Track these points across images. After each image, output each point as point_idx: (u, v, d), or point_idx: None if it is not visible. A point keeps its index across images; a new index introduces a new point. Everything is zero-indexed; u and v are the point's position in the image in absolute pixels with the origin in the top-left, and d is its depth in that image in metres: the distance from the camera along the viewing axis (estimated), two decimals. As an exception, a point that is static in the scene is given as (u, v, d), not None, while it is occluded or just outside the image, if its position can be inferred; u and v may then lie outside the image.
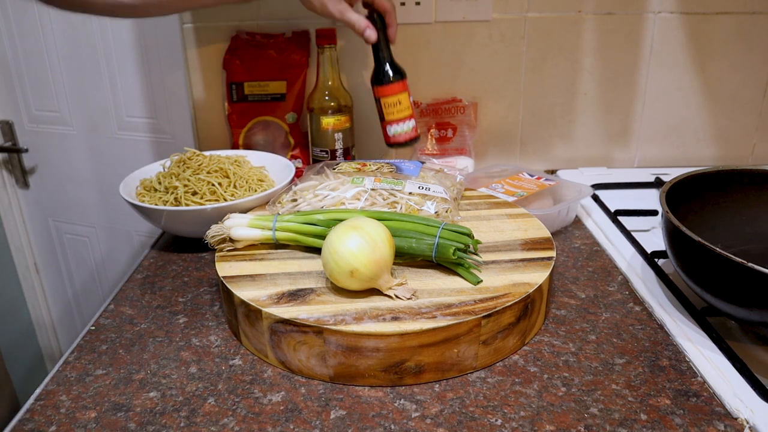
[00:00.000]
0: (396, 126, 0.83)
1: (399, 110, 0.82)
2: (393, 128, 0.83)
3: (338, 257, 0.53)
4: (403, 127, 0.82)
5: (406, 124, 0.82)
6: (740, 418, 0.47)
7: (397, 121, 0.82)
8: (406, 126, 0.82)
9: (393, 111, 0.82)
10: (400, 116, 0.82)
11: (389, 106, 0.82)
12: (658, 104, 1.03)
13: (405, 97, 0.82)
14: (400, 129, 0.83)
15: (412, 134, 0.84)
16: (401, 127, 0.82)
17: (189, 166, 0.80)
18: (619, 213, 0.83)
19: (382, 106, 0.83)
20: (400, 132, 0.83)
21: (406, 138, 0.84)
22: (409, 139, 0.84)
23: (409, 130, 0.83)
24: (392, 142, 0.84)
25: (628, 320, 0.61)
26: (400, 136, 0.83)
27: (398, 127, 0.82)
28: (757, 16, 0.97)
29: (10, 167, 1.38)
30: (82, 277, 1.45)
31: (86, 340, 0.60)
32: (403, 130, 0.83)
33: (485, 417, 0.48)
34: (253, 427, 0.47)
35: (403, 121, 0.82)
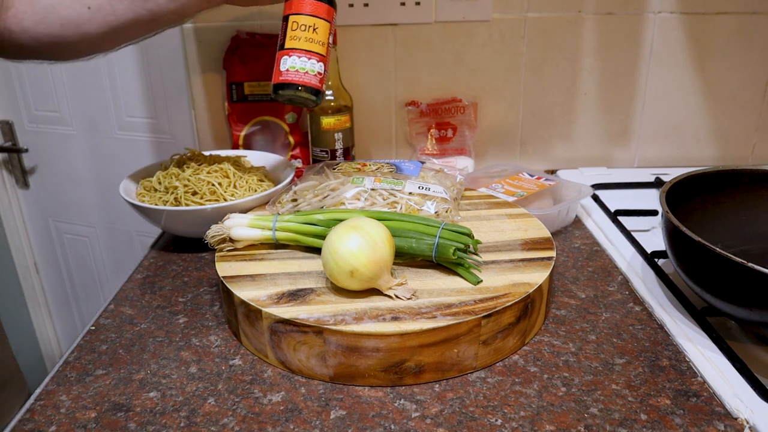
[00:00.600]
0: (297, 58, 0.60)
1: (309, 38, 0.60)
2: (291, 60, 0.60)
3: (338, 257, 0.53)
4: (305, 64, 0.60)
5: (311, 62, 0.60)
6: (740, 418, 0.47)
7: (300, 52, 0.60)
8: (309, 64, 0.60)
9: (301, 36, 0.60)
10: (307, 47, 0.60)
11: (297, 28, 0.60)
12: (658, 104, 1.03)
13: (324, 28, 0.62)
14: (301, 64, 0.60)
15: (314, 81, 0.61)
16: (303, 62, 0.60)
17: (189, 166, 0.80)
18: (619, 213, 0.83)
19: (287, 26, 0.61)
20: (298, 69, 0.60)
21: (303, 80, 0.61)
22: (306, 83, 0.61)
23: (312, 72, 0.60)
24: (283, 80, 0.61)
25: (628, 320, 0.61)
26: (297, 74, 0.60)
27: (299, 60, 0.60)
28: (757, 16, 0.97)
29: (10, 167, 1.38)
30: (82, 277, 1.45)
31: (86, 340, 0.60)
32: (304, 68, 0.60)
33: (485, 417, 0.48)
34: (253, 427, 0.47)
35: (308, 55, 0.60)
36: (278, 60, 0.61)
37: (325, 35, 0.62)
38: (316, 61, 0.60)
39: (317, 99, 0.62)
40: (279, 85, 0.60)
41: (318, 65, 0.60)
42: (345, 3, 0.93)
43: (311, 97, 0.62)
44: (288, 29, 0.61)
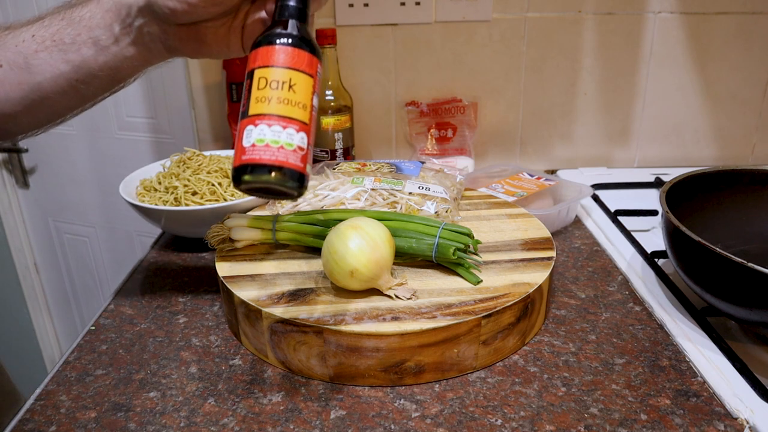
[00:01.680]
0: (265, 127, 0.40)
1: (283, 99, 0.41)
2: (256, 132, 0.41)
3: (338, 257, 0.53)
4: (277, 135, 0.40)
5: (287, 133, 0.40)
6: (740, 418, 0.47)
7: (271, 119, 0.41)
8: (285, 135, 0.40)
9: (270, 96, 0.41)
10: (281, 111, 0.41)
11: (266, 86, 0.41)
12: (658, 104, 1.03)
13: (305, 82, 0.42)
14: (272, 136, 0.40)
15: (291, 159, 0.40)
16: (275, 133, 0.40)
17: (189, 166, 0.80)
18: (619, 213, 0.83)
19: (252, 85, 0.42)
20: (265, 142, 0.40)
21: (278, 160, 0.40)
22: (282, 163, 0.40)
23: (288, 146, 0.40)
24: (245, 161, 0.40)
25: (628, 320, 0.61)
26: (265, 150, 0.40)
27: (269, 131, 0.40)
28: (757, 16, 0.97)
29: (10, 167, 1.38)
30: (82, 277, 1.45)
31: (86, 340, 0.60)
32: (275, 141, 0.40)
33: (485, 417, 0.48)
34: (253, 427, 0.47)
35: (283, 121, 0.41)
36: (241, 132, 0.41)
37: (306, 95, 0.42)
38: (295, 131, 0.40)
39: (299, 186, 0.41)
40: (242, 167, 0.40)
41: (298, 137, 0.40)
42: (345, 3, 0.93)
43: (290, 184, 0.40)
44: (253, 88, 0.42)
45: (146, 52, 0.49)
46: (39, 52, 0.48)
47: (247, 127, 0.41)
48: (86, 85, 0.49)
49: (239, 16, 0.49)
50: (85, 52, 0.48)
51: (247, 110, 0.42)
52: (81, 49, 0.48)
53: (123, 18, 0.47)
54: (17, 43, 0.48)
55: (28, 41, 0.48)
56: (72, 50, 0.48)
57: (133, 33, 0.47)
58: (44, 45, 0.48)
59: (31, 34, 0.48)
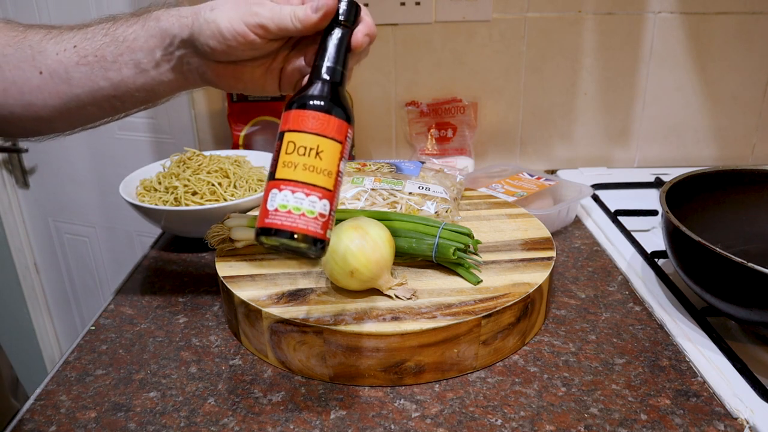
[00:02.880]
0: (288, 194, 0.42)
1: (308, 166, 0.42)
2: (279, 197, 0.42)
3: (338, 257, 0.53)
4: (300, 202, 0.42)
5: (309, 201, 0.42)
6: (740, 418, 0.47)
7: (295, 185, 0.42)
8: (307, 203, 0.42)
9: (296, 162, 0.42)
10: (305, 179, 0.42)
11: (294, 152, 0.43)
12: (658, 104, 1.03)
13: (333, 149, 0.43)
14: (295, 203, 0.41)
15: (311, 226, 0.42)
16: (297, 200, 0.42)
17: (189, 166, 0.80)
18: (619, 213, 0.83)
19: (281, 147, 0.43)
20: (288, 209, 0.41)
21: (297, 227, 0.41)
22: (300, 230, 0.41)
23: (309, 214, 0.42)
24: (266, 224, 0.42)
25: (628, 320, 0.61)
26: (287, 216, 0.41)
27: (292, 197, 0.42)
28: (757, 16, 0.97)
29: (10, 167, 1.38)
30: (82, 277, 1.45)
31: (86, 340, 0.60)
32: (297, 208, 0.41)
33: (485, 417, 0.48)
34: (253, 427, 0.47)
35: (305, 188, 0.42)
36: (266, 194, 0.42)
37: (333, 162, 0.43)
38: (318, 198, 0.42)
39: (318, 250, 0.42)
40: (264, 229, 0.42)
41: (320, 204, 0.42)
42: (345, 3, 0.93)
43: (308, 249, 0.42)
44: (282, 152, 0.43)
45: (183, 80, 0.50)
46: (80, 65, 0.48)
47: (272, 190, 0.42)
48: (122, 102, 0.51)
49: (278, 59, 0.50)
50: (125, 73, 0.48)
51: (274, 172, 0.43)
52: (122, 69, 0.48)
53: (166, 46, 0.48)
54: (58, 51, 0.48)
55: (69, 51, 0.48)
56: (113, 69, 0.48)
57: (173, 61, 0.48)
58: (86, 59, 0.48)
59: (73, 45, 0.48)
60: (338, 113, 0.44)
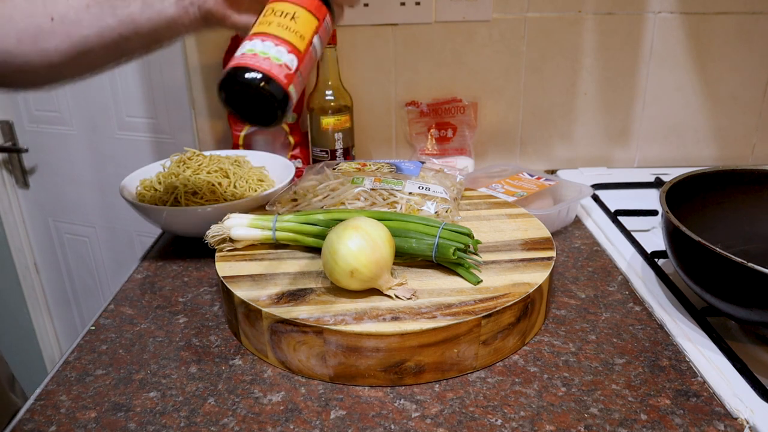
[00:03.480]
0: (258, 41, 0.44)
1: (282, 25, 0.45)
2: (248, 45, 0.44)
3: (338, 257, 0.53)
4: (268, 48, 0.43)
5: (277, 49, 0.43)
6: (740, 418, 0.47)
7: (265, 36, 0.44)
8: (274, 50, 0.43)
9: (271, 20, 0.45)
10: (277, 32, 0.44)
11: (271, 14, 0.46)
12: (658, 104, 1.03)
13: (308, 19, 0.46)
14: (262, 48, 0.43)
15: (275, 71, 0.43)
16: (266, 46, 0.43)
17: (189, 166, 0.80)
18: (619, 213, 0.83)
19: (260, 14, 0.47)
20: (254, 52, 0.43)
21: (261, 66, 0.42)
22: (265, 71, 0.42)
23: (276, 60, 0.43)
24: (231, 66, 0.44)
25: (628, 320, 0.61)
26: (252, 57, 0.43)
27: (261, 44, 0.43)
28: (757, 16, 0.97)
29: (10, 167, 1.38)
30: (82, 277, 1.45)
31: (86, 340, 0.60)
32: (264, 53, 0.43)
33: (485, 417, 0.48)
34: (253, 427, 0.47)
35: (276, 40, 0.44)
36: (238, 43, 0.45)
37: (307, 28, 0.45)
38: (286, 50, 0.43)
39: (278, 100, 0.42)
40: (227, 72, 0.42)
41: (288, 56, 0.43)
42: (345, 3, 0.93)
43: (270, 93, 0.42)
44: (260, 17, 0.46)
45: (183, 14, 0.52)
46: (90, 6, 0.52)
47: (243, 42, 0.45)
48: (127, 41, 0.53)
49: None
50: (133, 8, 0.52)
51: (249, 33, 0.46)
52: (130, 5, 0.52)
53: None
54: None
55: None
56: (122, 5, 0.52)
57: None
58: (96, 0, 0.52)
59: None
60: None
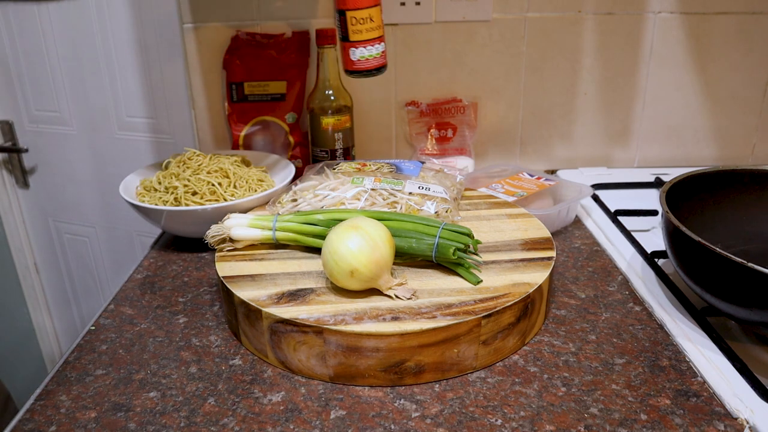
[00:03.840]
0: (363, 49, 0.68)
1: (369, 29, 0.67)
2: (359, 51, 0.68)
3: (338, 257, 0.53)
4: (371, 51, 0.67)
5: (376, 48, 0.67)
6: (740, 418, 0.47)
7: (365, 43, 0.67)
8: (375, 50, 0.68)
9: (361, 29, 0.67)
10: (370, 36, 0.67)
11: (357, 23, 0.67)
12: (658, 104, 1.03)
13: (377, 12, 0.67)
14: (368, 53, 0.68)
15: (381, 60, 0.69)
16: (369, 50, 0.68)
17: (189, 166, 0.80)
18: (619, 213, 0.83)
19: (347, 21, 0.67)
20: (367, 57, 0.68)
21: (375, 65, 0.69)
22: (377, 66, 0.69)
23: (378, 54, 0.68)
24: (356, 68, 0.70)
25: (628, 320, 0.61)
26: (367, 61, 0.68)
27: (366, 50, 0.68)
28: (757, 16, 0.97)
29: (10, 167, 1.38)
30: (82, 277, 1.45)
31: (86, 340, 0.60)
32: (371, 55, 0.68)
33: (485, 417, 0.48)
34: (253, 427, 0.47)
35: (372, 43, 0.67)
36: (346, 50, 0.69)
37: (379, 18, 0.68)
38: (378, 43, 0.69)
39: (384, 69, 0.72)
40: (353, 71, 0.71)
41: (380, 46, 0.69)
42: (345, 3, 0.93)
43: (381, 73, 0.72)
44: (348, 24, 0.68)
45: None
46: None
47: (351, 48, 0.69)
48: None
49: None
50: None
51: (347, 36, 0.68)
52: None
53: None
54: None
55: None
56: None
57: None
58: None
59: None
60: None
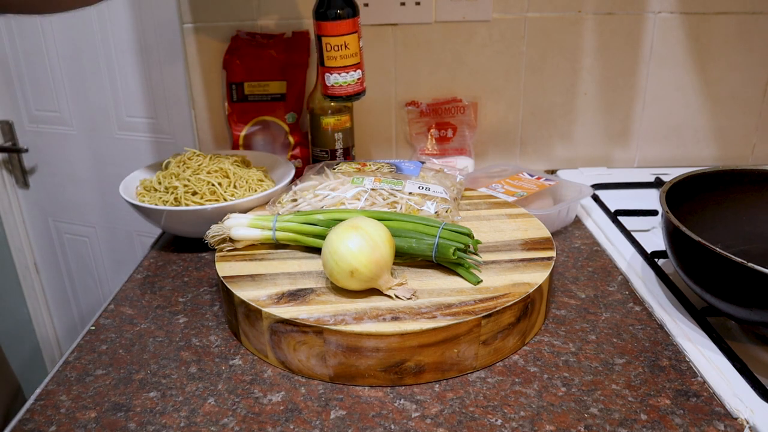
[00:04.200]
0: (337, 75, 0.70)
1: (343, 55, 0.69)
2: (333, 77, 0.70)
3: (338, 257, 0.53)
4: (345, 78, 0.69)
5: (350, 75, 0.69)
6: (740, 418, 0.47)
7: (339, 70, 0.69)
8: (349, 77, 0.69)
9: (335, 56, 0.69)
10: (344, 63, 0.69)
11: (331, 49, 0.68)
12: (658, 104, 1.03)
13: (353, 39, 0.69)
14: (342, 80, 0.70)
15: (356, 87, 0.71)
16: (343, 77, 0.69)
17: (189, 166, 0.80)
18: (619, 213, 0.83)
19: (322, 47, 0.70)
20: (340, 83, 0.70)
21: (349, 92, 0.71)
22: (350, 93, 0.71)
23: (353, 82, 0.70)
24: (329, 93, 0.72)
25: (628, 320, 0.61)
26: (341, 87, 0.70)
27: (339, 77, 0.70)
28: (757, 16, 0.97)
29: (10, 167, 1.38)
30: (82, 277, 1.45)
31: (86, 340, 0.60)
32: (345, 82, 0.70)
33: (485, 417, 0.48)
34: (253, 427, 0.47)
35: (346, 70, 0.69)
36: (322, 74, 0.72)
37: (355, 46, 0.70)
38: (353, 71, 0.71)
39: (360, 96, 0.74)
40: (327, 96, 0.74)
41: (355, 74, 0.71)
42: (345, 3, 0.93)
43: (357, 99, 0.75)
44: (323, 49, 0.70)
45: None
46: None
47: (326, 74, 0.71)
48: None
49: None
50: None
51: (323, 62, 0.70)
52: None
53: None
54: None
55: None
56: None
57: None
58: None
59: None
60: (350, 14, 0.68)
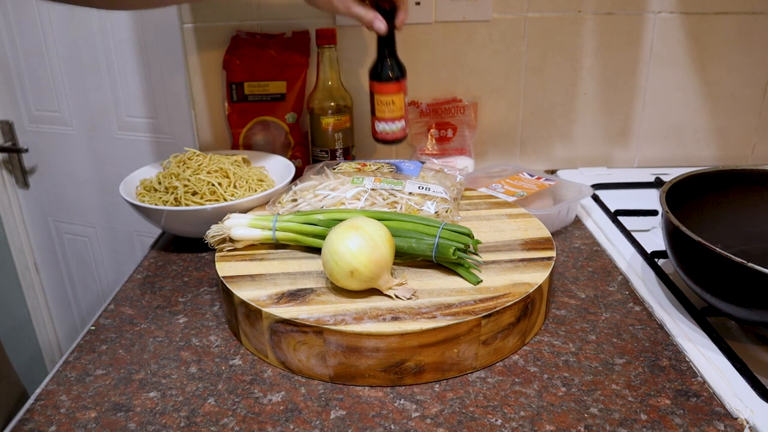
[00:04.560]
0: (384, 124, 0.84)
1: (391, 110, 0.82)
2: (381, 125, 0.84)
3: (338, 257, 0.53)
4: (391, 127, 0.83)
5: (395, 125, 0.83)
6: (740, 418, 0.47)
7: (387, 120, 0.83)
8: (394, 126, 0.83)
9: (385, 110, 0.83)
10: (391, 116, 0.83)
11: (382, 104, 0.83)
12: (658, 104, 1.03)
13: (400, 98, 0.83)
14: (388, 128, 0.83)
15: (399, 134, 0.85)
16: (390, 126, 0.83)
17: (189, 166, 0.80)
18: (619, 213, 0.83)
19: (374, 101, 0.83)
20: (387, 131, 0.84)
21: (393, 138, 0.85)
22: (395, 139, 0.85)
23: (397, 130, 0.84)
24: (378, 138, 0.86)
25: (628, 320, 0.61)
26: (387, 135, 0.84)
27: (386, 125, 0.83)
28: (757, 16, 0.97)
29: (10, 167, 1.38)
30: (82, 277, 1.45)
31: (86, 340, 0.60)
32: (391, 130, 0.84)
33: (485, 417, 0.48)
34: (253, 427, 0.47)
35: (392, 120, 0.83)
36: (373, 121, 0.85)
37: (401, 102, 0.83)
38: (398, 121, 0.84)
39: (403, 141, 0.87)
40: (376, 139, 0.86)
41: (400, 123, 0.84)
42: (345, 3, 0.93)
43: (399, 143, 0.87)
44: (375, 103, 0.83)
45: None
46: None
47: (376, 122, 0.84)
48: None
49: None
50: None
51: (374, 112, 0.84)
52: None
53: None
54: None
55: None
56: None
57: None
58: None
59: None
60: (398, 76, 0.81)
